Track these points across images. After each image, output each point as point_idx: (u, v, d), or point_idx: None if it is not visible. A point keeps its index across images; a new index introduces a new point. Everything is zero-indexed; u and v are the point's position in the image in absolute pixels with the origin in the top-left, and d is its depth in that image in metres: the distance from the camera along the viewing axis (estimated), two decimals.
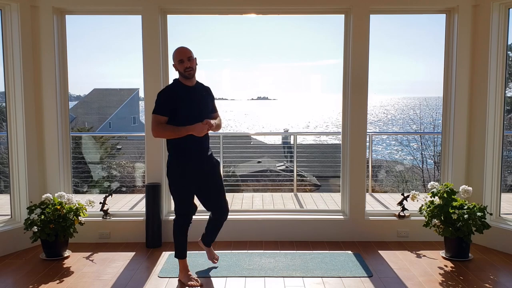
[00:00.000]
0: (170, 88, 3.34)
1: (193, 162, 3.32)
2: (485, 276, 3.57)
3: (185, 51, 3.26)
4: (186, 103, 3.26)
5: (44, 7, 4.21)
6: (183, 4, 4.34)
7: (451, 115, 4.40)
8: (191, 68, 3.25)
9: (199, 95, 3.36)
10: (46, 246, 3.94)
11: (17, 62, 4.13)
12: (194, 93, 3.32)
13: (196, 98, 3.31)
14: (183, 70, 3.24)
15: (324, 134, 38.47)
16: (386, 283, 3.44)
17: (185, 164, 3.31)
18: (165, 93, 3.30)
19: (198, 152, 3.34)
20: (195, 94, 3.32)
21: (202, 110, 3.33)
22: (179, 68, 3.26)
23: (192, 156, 3.32)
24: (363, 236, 4.45)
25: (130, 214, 4.89)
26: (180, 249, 3.43)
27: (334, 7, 4.39)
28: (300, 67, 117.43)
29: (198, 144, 3.31)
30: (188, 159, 3.31)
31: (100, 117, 28.03)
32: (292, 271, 3.64)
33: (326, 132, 44.01)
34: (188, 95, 3.28)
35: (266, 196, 6.53)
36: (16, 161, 4.20)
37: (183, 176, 3.31)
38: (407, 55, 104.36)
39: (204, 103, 3.39)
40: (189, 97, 3.28)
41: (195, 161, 3.33)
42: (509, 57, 4.42)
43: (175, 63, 3.27)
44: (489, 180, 4.22)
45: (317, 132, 42.89)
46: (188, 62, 3.24)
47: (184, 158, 3.30)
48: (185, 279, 3.41)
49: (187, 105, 3.26)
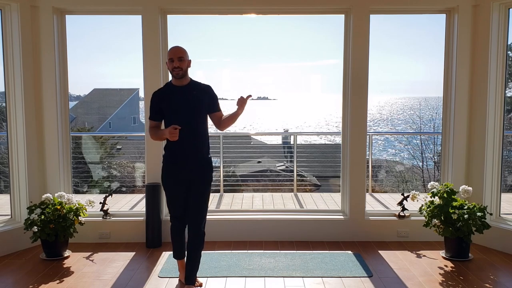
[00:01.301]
0: (157, 90, 3.33)
1: (178, 165, 3.24)
2: (485, 276, 3.57)
3: (177, 51, 3.17)
4: (169, 103, 3.20)
5: (44, 7, 4.21)
6: (183, 4, 4.34)
7: (451, 115, 4.40)
8: (179, 69, 3.15)
9: (189, 95, 3.21)
10: (46, 246, 3.94)
11: (17, 62, 4.13)
12: (181, 93, 3.20)
13: (182, 98, 3.20)
14: (171, 69, 3.17)
15: (324, 134, 38.44)
16: (386, 283, 3.44)
17: (170, 165, 3.27)
18: (152, 96, 3.29)
19: (183, 155, 3.21)
20: (182, 94, 3.20)
21: (188, 110, 3.19)
22: (169, 66, 3.19)
23: (178, 158, 3.23)
24: (363, 236, 4.45)
25: (130, 214, 4.89)
26: (176, 250, 3.43)
27: (334, 7, 4.39)
28: (300, 67, 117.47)
29: (183, 146, 3.18)
30: (174, 161, 3.26)
31: (100, 117, 28.02)
32: (292, 271, 3.64)
33: (326, 132, 44.03)
34: (172, 96, 3.21)
35: (266, 196, 6.52)
36: (16, 161, 4.20)
37: (168, 177, 3.29)
38: (407, 55, 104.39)
39: (194, 103, 3.21)
40: (173, 97, 3.20)
41: (180, 164, 3.23)
42: (509, 57, 4.42)
43: (167, 61, 3.22)
44: (489, 180, 4.22)
45: (317, 132, 42.86)
46: (177, 62, 3.14)
47: (170, 159, 3.27)
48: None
49: (170, 105, 3.20)
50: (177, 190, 3.28)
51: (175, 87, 3.23)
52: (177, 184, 3.26)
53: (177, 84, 3.23)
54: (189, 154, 3.22)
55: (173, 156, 3.24)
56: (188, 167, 3.22)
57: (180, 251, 3.42)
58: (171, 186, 3.29)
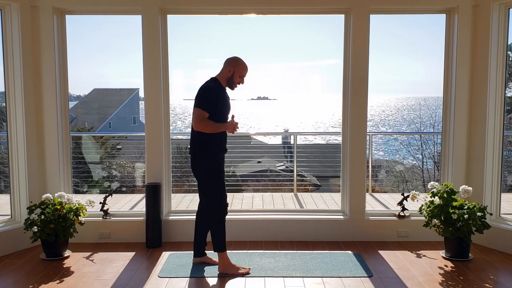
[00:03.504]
0: (216, 87, 3.49)
1: (224, 158, 3.69)
2: (485, 276, 3.57)
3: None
4: (223, 103, 3.51)
5: (44, 7, 4.22)
6: (183, 4, 4.34)
7: (451, 115, 4.40)
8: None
9: (229, 99, 3.64)
10: (46, 246, 3.94)
11: (17, 62, 4.13)
12: (227, 96, 3.61)
13: (228, 100, 3.61)
14: (238, 82, 3.55)
15: (324, 134, 38.44)
16: (386, 283, 3.44)
17: (223, 158, 3.66)
18: (213, 91, 3.45)
19: (226, 149, 3.67)
20: (227, 97, 3.62)
21: (229, 111, 3.63)
22: (237, 79, 3.52)
23: (225, 152, 3.66)
24: (363, 236, 4.45)
25: (130, 214, 4.89)
26: (224, 239, 3.62)
27: (334, 7, 4.39)
28: (300, 67, 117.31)
29: (226, 142, 3.65)
30: (223, 155, 3.66)
31: (100, 117, 28.03)
32: (292, 271, 3.65)
33: (326, 132, 43.94)
34: (225, 96, 3.56)
35: (266, 196, 6.53)
36: (16, 161, 4.20)
37: (222, 169, 3.63)
38: (407, 55, 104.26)
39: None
40: (226, 98, 3.56)
41: (224, 157, 3.70)
42: (509, 57, 4.42)
43: (237, 73, 3.50)
44: (489, 180, 4.22)
45: (317, 132, 42.83)
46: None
47: (222, 152, 3.61)
48: (234, 270, 3.57)
49: (224, 104, 3.51)
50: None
51: (224, 89, 3.57)
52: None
53: (225, 86, 3.57)
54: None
55: (223, 150, 3.58)
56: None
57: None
58: (224, 176, 3.59)
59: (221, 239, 3.56)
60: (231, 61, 3.54)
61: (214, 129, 3.43)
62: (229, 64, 3.52)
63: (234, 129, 3.50)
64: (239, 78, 3.52)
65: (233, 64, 3.52)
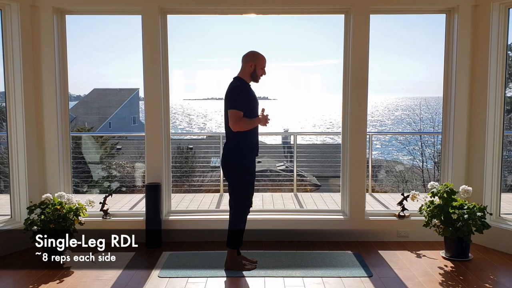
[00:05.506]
0: (242, 86, 3.54)
1: (255, 155, 3.75)
2: (485, 276, 3.57)
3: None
4: (252, 100, 3.56)
5: (44, 7, 4.22)
6: (183, 4, 4.34)
7: (451, 115, 4.40)
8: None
9: (255, 95, 3.68)
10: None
11: (17, 62, 4.13)
12: (254, 93, 3.65)
13: (255, 96, 3.65)
14: (261, 74, 3.58)
15: (324, 134, 38.46)
16: (386, 283, 3.44)
17: (254, 157, 3.72)
18: (242, 91, 3.50)
19: (257, 146, 3.74)
20: (254, 94, 3.66)
21: (257, 107, 3.68)
22: (260, 71, 3.56)
23: (257, 148, 3.73)
24: (363, 236, 4.45)
25: (130, 214, 4.89)
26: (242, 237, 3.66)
27: (334, 7, 4.39)
28: (300, 67, 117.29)
29: (257, 138, 3.72)
30: (256, 152, 3.72)
31: (100, 117, 28.01)
32: (292, 271, 3.65)
33: (326, 132, 43.96)
34: (253, 92, 3.63)
35: (266, 196, 6.52)
36: (16, 161, 4.20)
37: (252, 168, 3.75)
38: (407, 55, 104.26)
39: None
40: (253, 95, 3.62)
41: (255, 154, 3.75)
42: (509, 57, 4.42)
43: (259, 66, 3.54)
44: (489, 180, 4.22)
45: (317, 132, 42.81)
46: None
47: (254, 150, 3.66)
48: (240, 266, 3.63)
49: (252, 101, 3.56)
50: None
51: (249, 85, 3.62)
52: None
53: (249, 82, 3.62)
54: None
55: (255, 148, 3.63)
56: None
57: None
58: (254, 175, 3.68)
59: (236, 237, 3.62)
60: (250, 56, 3.57)
61: (250, 125, 3.48)
62: (249, 59, 3.55)
63: (266, 121, 3.56)
64: (261, 70, 3.57)
65: (253, 59, 3.55)
